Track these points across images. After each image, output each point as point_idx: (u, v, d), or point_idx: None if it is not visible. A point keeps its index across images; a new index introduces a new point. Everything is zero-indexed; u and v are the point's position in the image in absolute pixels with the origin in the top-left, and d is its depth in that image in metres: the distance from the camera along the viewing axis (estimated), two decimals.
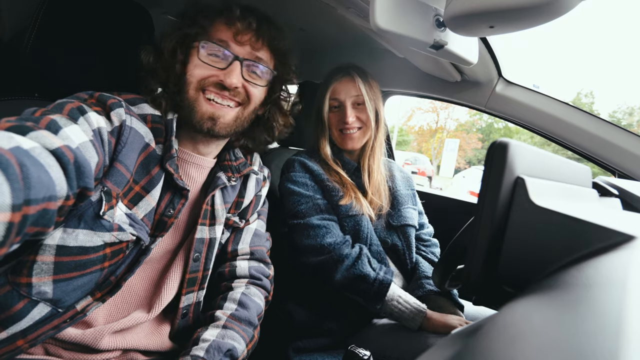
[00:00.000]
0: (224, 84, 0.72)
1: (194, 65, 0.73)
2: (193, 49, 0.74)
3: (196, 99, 0.73)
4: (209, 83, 0.72)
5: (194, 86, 0.72)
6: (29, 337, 0.58)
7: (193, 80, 0.72)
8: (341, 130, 1.09)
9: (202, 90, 0.73)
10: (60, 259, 0.57)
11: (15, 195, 0.39)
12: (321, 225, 0.98)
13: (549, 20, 0.57)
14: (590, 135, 1.09)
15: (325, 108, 1.09)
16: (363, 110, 1.08)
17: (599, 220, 0.28)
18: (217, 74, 0.72)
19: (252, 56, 0.75)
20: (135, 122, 0.67)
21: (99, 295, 0.65)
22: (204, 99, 0.73)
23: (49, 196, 0.44)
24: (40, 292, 0.57)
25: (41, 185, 0.43)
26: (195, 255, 0.77)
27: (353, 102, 1.08)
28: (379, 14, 0.66)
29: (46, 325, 0.59)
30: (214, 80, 0.72)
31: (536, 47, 44.40)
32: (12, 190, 0.38)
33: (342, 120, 1.07)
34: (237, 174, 0.83)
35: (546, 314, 0.19)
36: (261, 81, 0.78)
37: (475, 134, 22.81)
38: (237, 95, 0.75)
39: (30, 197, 0.41)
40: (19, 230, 0.40)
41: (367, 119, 1.08)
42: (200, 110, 0.72)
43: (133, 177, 0.66)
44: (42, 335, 0.59)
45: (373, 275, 0.93)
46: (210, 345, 0.68)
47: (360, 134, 1.09)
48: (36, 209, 0.42)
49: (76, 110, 0.58)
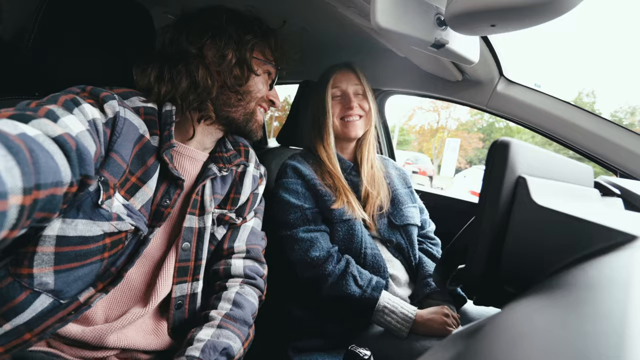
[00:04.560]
0: (275, 102, 0.87)
1: (258, 81, 0.82)
2: (254, 64, 0.80)
3: (255, 111, 0.83)
4: (263, 100, 0.85)
5: (256, 100, 0.82)
6: (35, 330, 0.58)
7: (259, 95, 0.83)
8: (343, 118, 1.10)
9: (258, 104, 0.83)
10: (61, 249, 0.58)
11: (26, 179, 0.40)
12: (305, 238, 0.98)
13: (551, 19, 0.57)
14: (592, 135, 1.09)
15: (329, 97, 1.10)
16: (364, 100, 1.11)
17: (601, 219, 0.28)
18: (268, 94, 0.85)
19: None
20: (129, 114, 0.68)
21: (101, 286, 0.66)
22: (259, 111, 0.84)
23: (56, 182, 0.45)
24: (41, 283, 0.58)
25: (49, 170, 0.44)
26: (184, 244, 0.77)
27: (354, 92, 1.11)
28: (380, 12, 0.65)
29: (51, 318, 0.60)
30: (266, 98, 0.85)
31: (538, 46, 44.32)
32: (23, 174, 0.39)
33: (345, 106, 1.09)
34: (227, 164, 0.85)
35: (548, 315, 0.19)
36: None
37: (476, 134, 22.76)
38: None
39: (40, 181, 0.42)
40: (29, 213, 0.41)
41: (367, 108, 1.11)
42: (258, 120, 0.84)
43: (129, 168, 0.67)
44: (49, 328, 0.60)
45: (359, 294, 0.92)
46: (205, 344, 0.68)
47: (362, 123, 1.11)
48: (45, 193, 0.43)
49: (70, 102, 0.58)
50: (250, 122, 0.83)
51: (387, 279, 1.00)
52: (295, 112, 1.42)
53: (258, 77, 0.82)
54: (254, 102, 0.82)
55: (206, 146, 0.84)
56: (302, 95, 1.40)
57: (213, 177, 0.81)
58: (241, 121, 0.81)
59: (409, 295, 1.07)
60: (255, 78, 0.81)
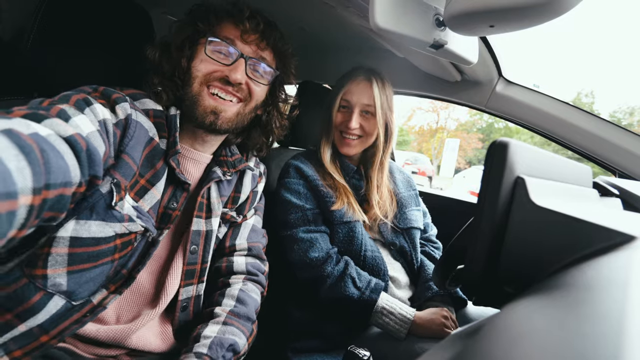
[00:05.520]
0: (228, 79, 0.74)
1: (200, 60, 0.75)
2: (200, 45, 0.76)
3: (200, 93, 0.74)
4: (213, 78, 0.74)
5: (199, 80, 0.74)
6: (52, 332, 0.59)
7: (199, 74, 0.74)
8: (342, 132, 1.07)
9: (207, 85, 0.75)
10: (74, 250, 0.59)
11: (37, 179, 0.40)
12: (305, 239, 0.98)
13: (549, 19, 0.57)
14: (591, 135, 1.09)
15: (335, 106, 1.07)
16: (370, 121, 1.05)
17: (599, 220, 0.28)
18: (222, 69, 0.74)
19: (257, 55, 0.78)
20: (140, 117, 0.68)
21: (113, 287, 0.67)
22: (207, 93, 0.75)
23: (65, 182, 0.46)
24: (55, 284, 0.58)
25: (59, 170, 0.44)
26: (192, 247, 0.78)
27: (362, 110, 1.05)
28: (379, 13, 0.65)
29: (66, 321, 0.61)
30: (218, 75, 0.74)
31: (537, 46, 44.42)
32: (33, 174, 0.40)
33: (345, 123, 1.05)
34: (232, 169, 0.85)
35: (546, 316, 0.19)
36: (263, 80, 0.80)
37: (475, 134, 22.78)
38: (240, 92, 0.77)
39: (50, 181, 0.43)
40: (38, 213, 0.42)
41: (371, 130, 1.06)
42: (204, 104, 0.74)
43: (139, 170, 0.68)
44: (66, 330, 0.61)
45: (357, 296, 0.92)
46: (212, 341, 0.69)
47: (358, 143, 1.07)
48: (54, 193, 0.44)
49: (82, 101, 0.59)
50: (196, 106, 0.74)
51: (387, 282, 1.00)
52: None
53: (201, 57, 0.75)
54: (196, 83, 0.75)
55: (209, 148, 0.83)
56: (302, 95, 1.40)
57: (217, 180, 0.81)
58: (190, 107, 0.75)
59: (409, 297, 1.06)
60: (198, 58, 0.75)
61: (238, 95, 0.77)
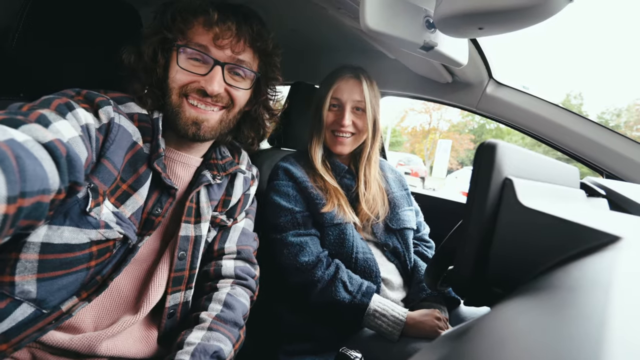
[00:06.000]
0: (205, 90, 0.71)
1: (175, 71, 0.72)
2: (173, 52, 0.73)
3: (180, 105, 0.72)
4: (190, 89, 0.72)
5: (176, 92, 0.72)
6: (13, 341, 0.56)
7: (175, 86, 0.72)
8: (333, 131, 1.07)
9: (185, 96, 0.72)
10: (45, 256, 0.56)
11: (11, 188, 0.39)
12: (295, 242, 0.97)
13: (538, 21, 0.57)
14: (579, 136, 1.11)
15: (326, 105, 1.06)
16: (361, 117, 1.06)
17: (586, 221, 0.28)
18: (198, 80, 0.71)
19: (234, 59, 0.74)
20: (124, 121, 0.66)
21: (85, 295, 0.63)
22: (187, 104, 0.72)
23: (43, 189, 0.44)
24: (23, 291, 0.56)
25: (36, 177, 0.43)
26: (181, 253, 0.75)
27: (353, 107, 1.05)
28: (369, 14, 0.66)
29: (30, 328, 0.58)
30: (195, 87, 0.71)
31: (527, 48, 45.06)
32: (7, 182, 0.38)
33: (338, 121, 1.05)
34: (222, 172, 0.83)
35: (532, 317, 0.19)
36: (244, 84, 0.77)
37: (467, 135, 23.00)
38: (220, 100, 0.75)
39: (25, 189, 0.41)
40: (12, 222, 0.41)
41: (363, 126, 1.06)
42: (185, 115, 0.72)
43: (120, 175, 0.66)
44: (26, 338, 0.57)
45: (348, 300, 0.92)
46: (195, 348, 0.67)
47: (352, 140, 1.07)
48: (30, 201, 0.42)
49: (64, 106, 0.57)
50: (178, 117, 0.72)
51: (380, 284, 1.00)
52: (287, 113, 1.41)
53: (175, 68, 0.72)
54: (174, 94, 0.72)
55: (199, 151, 0.82)
56: (294, 96, 1.40)
57: (207, 184, 0.79)
58: (171, 117, 0.73)
59: (402, 298, 1.06)
60: (173, 68, 0.73)
61: (218, 104, 0.75)
